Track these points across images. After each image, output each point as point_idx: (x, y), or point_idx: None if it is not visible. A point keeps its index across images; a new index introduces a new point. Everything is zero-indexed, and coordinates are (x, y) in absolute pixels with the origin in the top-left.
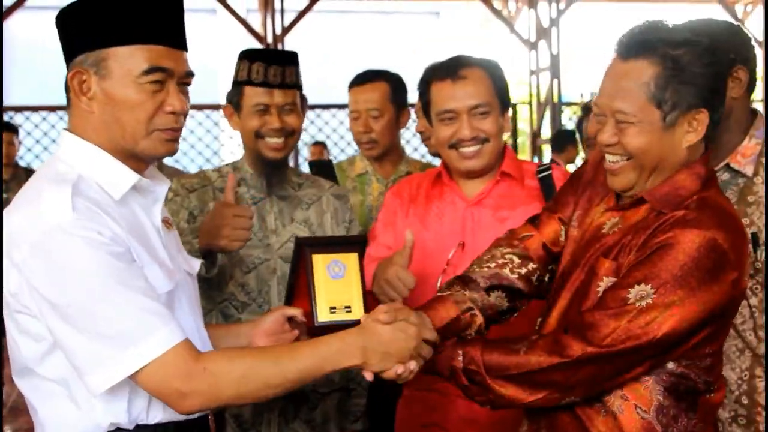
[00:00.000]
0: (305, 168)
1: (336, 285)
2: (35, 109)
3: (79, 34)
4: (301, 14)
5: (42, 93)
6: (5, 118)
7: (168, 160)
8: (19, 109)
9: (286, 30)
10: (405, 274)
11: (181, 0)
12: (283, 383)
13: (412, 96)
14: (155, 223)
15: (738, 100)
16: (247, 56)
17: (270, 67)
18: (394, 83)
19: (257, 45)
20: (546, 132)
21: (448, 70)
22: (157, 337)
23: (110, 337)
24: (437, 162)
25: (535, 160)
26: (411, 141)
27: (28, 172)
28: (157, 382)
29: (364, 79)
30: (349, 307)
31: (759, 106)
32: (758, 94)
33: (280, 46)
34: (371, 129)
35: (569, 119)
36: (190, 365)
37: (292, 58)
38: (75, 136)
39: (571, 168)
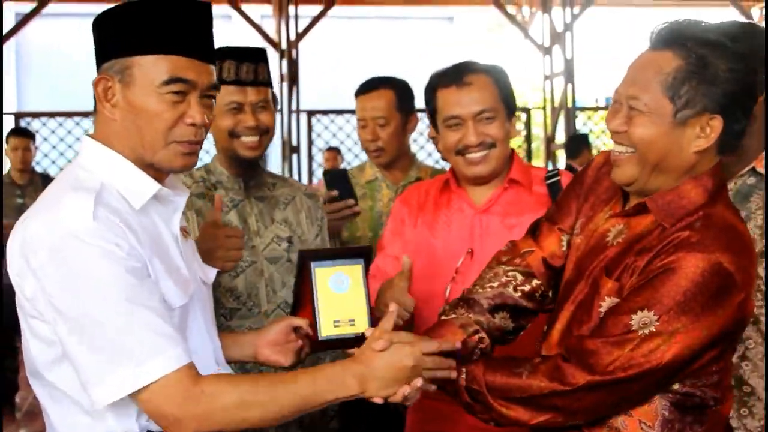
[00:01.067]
0: (318, 174)
1: (339, 298)
2: (51, 114)
3: (109, 41)
4: (315, 20)
5: (58, 99)
6: (22, 123)
7: None
8: (35, 115)
9: (300, 36)
10: (404, 298)
11: (210, 13)
12: (280, 411)
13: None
14: (174, 232)
15: (762, 103)
16: (217, 56)
17: (241, 64)
18: (400, 90)
19: (271, 51)
20: (560, 137)
21: (453, 76)
22: (162, 359)
23: (114, 353)
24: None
25: (550, 165)
26: (425, 146)
27: (45, 177)
28: (156, 404)
29: (369, 87)
30: (353, 320)
31: None
32: None
33: (294, 52)
34: (378, 137)
35: (583, 124)
36: (189, 389)
37: (262, 55)
38: (97, 142)
39: None
